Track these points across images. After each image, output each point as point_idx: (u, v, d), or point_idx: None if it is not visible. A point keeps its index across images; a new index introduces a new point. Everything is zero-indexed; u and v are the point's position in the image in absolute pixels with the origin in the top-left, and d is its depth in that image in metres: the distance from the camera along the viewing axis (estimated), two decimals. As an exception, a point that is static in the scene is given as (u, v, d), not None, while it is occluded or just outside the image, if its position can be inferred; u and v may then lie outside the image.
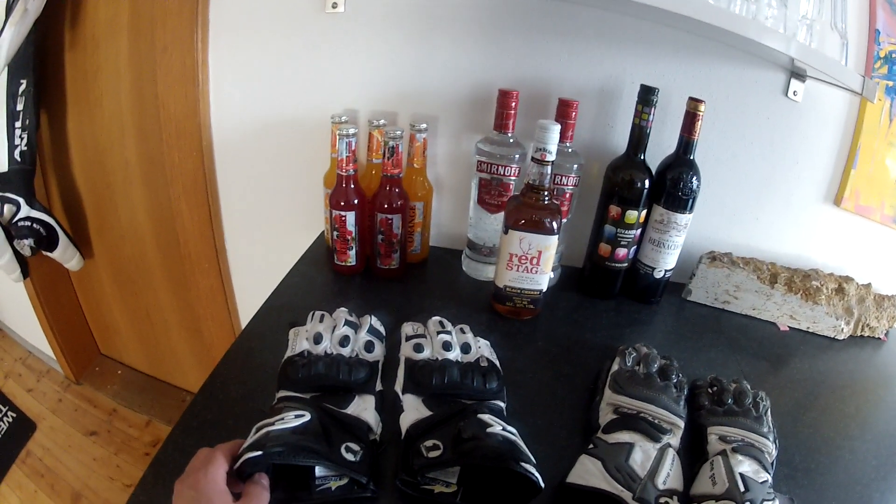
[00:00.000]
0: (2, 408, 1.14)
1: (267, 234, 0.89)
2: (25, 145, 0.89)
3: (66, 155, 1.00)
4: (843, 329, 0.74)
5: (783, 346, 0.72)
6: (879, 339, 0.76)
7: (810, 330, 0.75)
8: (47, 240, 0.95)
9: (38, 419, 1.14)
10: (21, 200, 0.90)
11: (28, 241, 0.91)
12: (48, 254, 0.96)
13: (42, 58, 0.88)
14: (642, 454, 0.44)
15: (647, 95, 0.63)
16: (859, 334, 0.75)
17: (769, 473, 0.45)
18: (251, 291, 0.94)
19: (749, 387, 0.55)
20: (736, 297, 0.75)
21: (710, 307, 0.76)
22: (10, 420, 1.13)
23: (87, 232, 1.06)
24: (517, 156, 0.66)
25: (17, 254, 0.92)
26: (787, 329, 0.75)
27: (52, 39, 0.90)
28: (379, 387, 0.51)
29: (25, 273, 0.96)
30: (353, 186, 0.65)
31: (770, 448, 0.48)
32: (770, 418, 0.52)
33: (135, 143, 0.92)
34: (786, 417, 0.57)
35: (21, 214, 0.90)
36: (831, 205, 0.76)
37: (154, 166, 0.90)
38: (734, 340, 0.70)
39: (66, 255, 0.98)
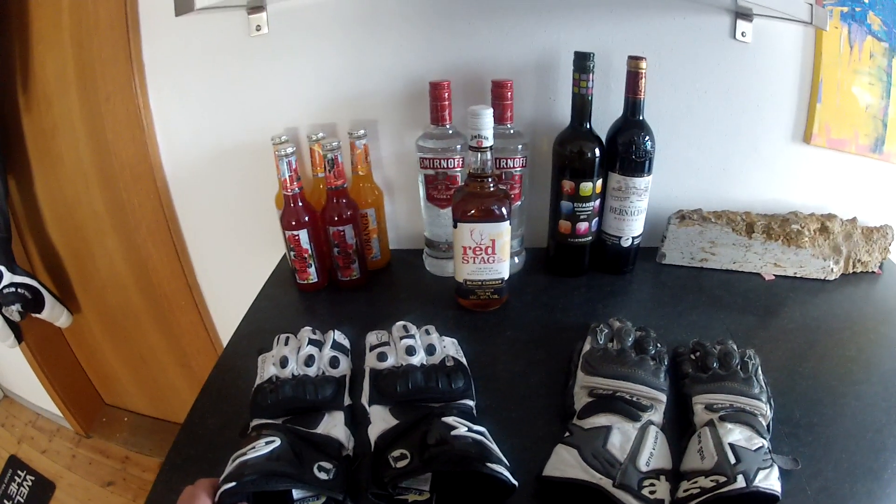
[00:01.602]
0: (20, 472, 1.17)
1: (235, 261, 0.90)
2: (-2, 214, 0.90)
3: (39, 215, 1.01)
4: (832, 269, 0.70)
5: (770, 296, 0.69)
6: (874, 272, 0.73)
7: (798, 275, 0.71)
8: (34, 302, 0.96)
9: (56, 478, 1.16)
10: (2, 268, 0.91)
11: (16, 307, 0.93)
12: (37, 315, 0.98)
13: (1, 124, 0.89)
14: (621, 436, 0.42)
15: (582, 62, 0.61)
16: (851, 271, 0.72)
17: (765, 438, 0.42)
18: (230, 320, 0.93)
19: (735, 346, 0.53)
20: (713, 254, 0.72)
21: (688, 267, 0.74)
22: (30, 484, 1.16)
23: (70, 287, 1.08)
24: (458, 146, 0.65)
25: (7, 321, 0.94)
26: (773, 278, 0.72)
27: (7, 105, 0.91)
28: (348, 401, 0.50)
29: (19, 338, 0.98)
30: (301, 204, 0.65)
31: (764, 409, 0.46)
32: (761, 377, 0.50)
33: (100, 193, 0.93)
34: (781, 372, 0.55)
35: (5, 282, 0.91)
36: (801, 143, 0.73)
37: (120, 213, 0.91)
38: (717, 298, 0.68)
39: (54, 313, 1.00)
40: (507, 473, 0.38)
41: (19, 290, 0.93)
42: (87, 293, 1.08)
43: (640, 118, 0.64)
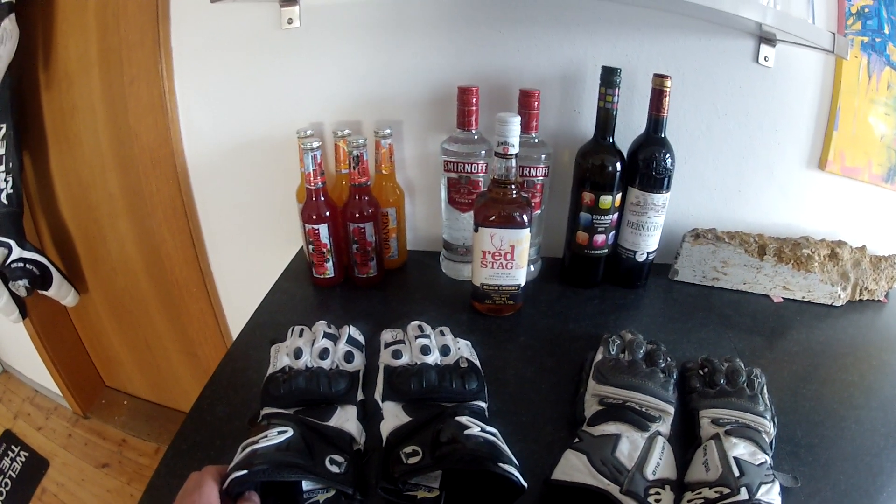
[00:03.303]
0: (14, 448, 1.16)
1: (250, 252, 0.90)
2: (11, 188, 0.90)
3: (52, 193, 1.01)
4: (839, 295, 0.72)
5: (778, 318, 0.70)
6: (879, 301, 0.74)
7: (805, 299, 0.73)
8: (41, 279, 0.96)
9: (50, 456, 1.16)
10: (12, 243, 0.91)
11: (23, 282, 0.92)
12: (44, 292, 0.98)
13: (19, 100, 0.89)
14: (629, 445, 0.43)
15: (609, 77, 0.62)
16: (857, 299, 0.73)
17: (767, 454, 0.43)
18: (240, 311, 0.94)
19: (742, 364, 0.54)
20: (725, 273, 0.73)
21: (699, 286, 0.75)
22: (23, 459, 1.15)
23: (79, 267, 1.07)
24: (483, 152, 0.66)
25: (13, 295, 0.94)
26: (781, 300, 0.73)
27: (27, 81, 0.91)
28: (360, 396, 0.51)
29: (24, 314, 0.98)
30: (323, 199, 0.65)
31: (768, 427, 0.47)
32: (766, 395, 0.51)
33: (116, 176, 0.93)
34: (785, 392, 0.56)
35: (13, 256, 0.91)
36: (816, 169, 0.74)
37: (136, 197, 0.91)
38: (726, 317, 0.69)
39: (61, 292, 1.00)
40: (517, 474, 0.39)
41: (27, 265, 0.93)
42: (96, 274, 1.08)
43: (662, 135, 0.65)
